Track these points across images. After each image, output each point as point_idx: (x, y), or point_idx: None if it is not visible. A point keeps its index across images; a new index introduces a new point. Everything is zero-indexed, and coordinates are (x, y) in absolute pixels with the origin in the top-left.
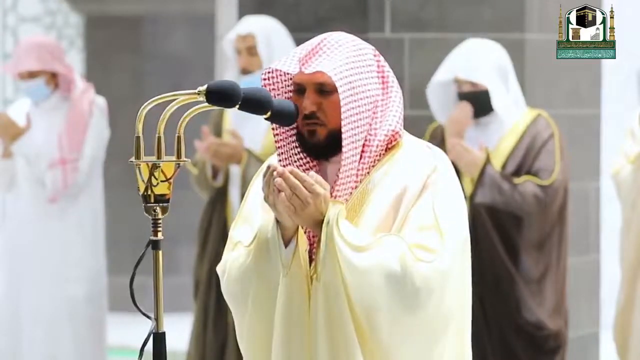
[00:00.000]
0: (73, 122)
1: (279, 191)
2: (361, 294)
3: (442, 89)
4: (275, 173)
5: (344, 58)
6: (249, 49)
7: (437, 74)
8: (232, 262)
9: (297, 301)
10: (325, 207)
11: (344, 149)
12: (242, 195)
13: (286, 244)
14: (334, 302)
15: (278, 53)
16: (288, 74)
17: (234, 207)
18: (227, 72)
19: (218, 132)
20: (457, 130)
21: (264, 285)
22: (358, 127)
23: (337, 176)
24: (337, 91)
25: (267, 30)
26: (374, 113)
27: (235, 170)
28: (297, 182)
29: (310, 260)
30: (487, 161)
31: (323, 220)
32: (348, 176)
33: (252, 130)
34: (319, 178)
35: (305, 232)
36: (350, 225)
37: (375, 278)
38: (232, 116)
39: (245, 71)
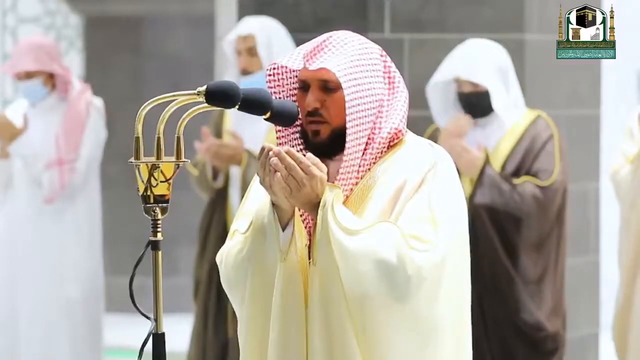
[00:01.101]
0: (70, 123)
1: (275, 171)
2: (352, 278)
3: (442, 88)
4: (270, 153)
5: (349, 56)
6: (249, 50)
7: (437, 74)
8: (229, 250)
9: (294, 287)
10: (322, 188)
11: (347, 145)
12: (243, 196)
13: (283, 228)
14: (329, 287)
15: (278, 54)
16: (293, 70)
17: (234, 208)
18: (227, 73)
19: (218, 133)
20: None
21: (261, 272)
22: (362, 124)
23: (338, 172)
24: (341, 88)
25: (267, 31)
26: (379, 112)
27: (235, 171)
28: (293, 162)
29: (310, 253)
30: (486, 162)
31: (319, 202)
32: (349, 172)
33: (252, 131)
34: (316, 160)
35: (305, 227)
36: (346, 210)
37: (367, 263)
38: (232, 117)
39: (245, 72)
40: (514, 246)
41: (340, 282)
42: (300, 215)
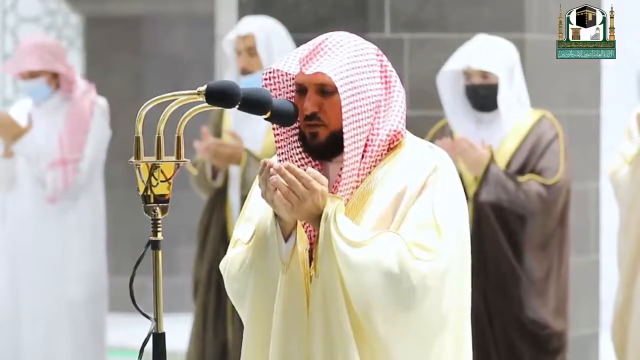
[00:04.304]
0: (74, 123)
1: (276, 189)
2: (357, 290)
3: (451, 79)
4: (271, 170)
5: (345, 58)
6: (248, 50)
7: (448, 62)
8: (232, 259)
9: (295, 298)
10: (323, 202)
11: (345, 149)
12: (242, 196)
13: (286, 239)
14: (331, 298)
15: (278, 53)
16: (289, 74)
17: (234, 207)
18: (227, 73)
19: (217, 132)
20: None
21: (263, 282)
22: (360, 127)
23: (339, 176)
24: (338, 92)
25: (266, 30)
26: (376, 113)
27: (234, 171)
28: (293, 178)
29: (311, 260)
30: (492, 159)
31: (321, 214)
32: (350, 176)
33: (251, 131)
34: (317, 173)
35: (305, 231)
36: (348, 221)
37: (372, 275)
38: (232, 117)
39: (245, 71)
40: (519, 244)
41: (342, 293)
42: (303, 225)
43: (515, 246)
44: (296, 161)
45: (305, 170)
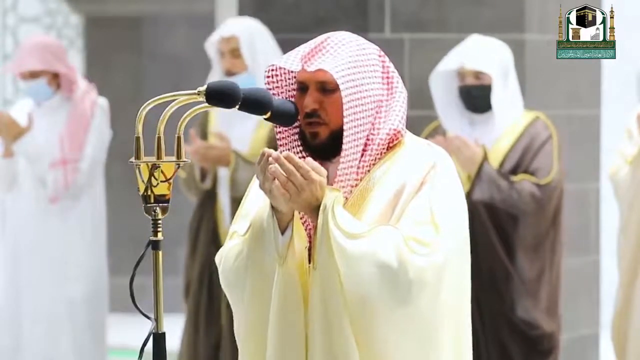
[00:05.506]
0: (75, 123)
1: (274, 178)
2: (353, 282)
3: (445, 79)
4: (270, 159)
5: (346, 57)
6: (232, 51)
7: (442, 63)
8: (228, 252)
9: (292, 290)
10: (321, 193)
11: (344, 147)
12: (231, 197)
13: (282, 231)
14: (329, 290)
15: (261, 55)
16: (291, 71)
17: (224, 208)
18: (211, 74)
19: (204, 134)
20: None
21: (259, 275)
22: (360, 125)
23: (337, 173)
24: (339, 90)
25: (250, 32)
26: (377, 113)
27: (223, 173)
28: (292, 168)
29: (310, 256)
30: (485, 158)
31: (319, 206)
32: (347, 173)
33: (239, 132)
34: (315, 164)
35: (305, 229)
36: (346, 213)
37: (368, 267)
38: (219, 118)
39: (229, 73)
40: (511, 243)
41: (340, 285)
42: (301, 218)
43: (507, 246)
44: None
45: (304, 160)
